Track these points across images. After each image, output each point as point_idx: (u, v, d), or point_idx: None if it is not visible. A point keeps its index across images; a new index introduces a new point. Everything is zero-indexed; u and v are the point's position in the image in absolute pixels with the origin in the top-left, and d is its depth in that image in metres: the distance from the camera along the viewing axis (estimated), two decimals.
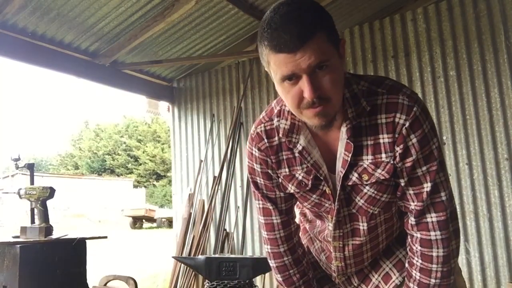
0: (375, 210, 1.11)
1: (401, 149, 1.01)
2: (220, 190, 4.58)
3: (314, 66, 0.88)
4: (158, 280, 6.52)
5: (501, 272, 3.26)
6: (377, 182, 1.05)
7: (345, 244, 1.17)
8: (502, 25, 3.38)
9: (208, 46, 4.49)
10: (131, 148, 32.35)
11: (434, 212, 1.05)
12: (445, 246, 1.05)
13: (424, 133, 1.01)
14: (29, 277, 2.27)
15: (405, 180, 1.05)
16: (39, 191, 2.57)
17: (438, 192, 1.04)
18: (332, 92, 0.92)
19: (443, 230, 1.05)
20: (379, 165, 1.04)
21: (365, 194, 1.08)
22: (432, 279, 1.06)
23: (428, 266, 1.06)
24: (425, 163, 1.03)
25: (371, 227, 1.14)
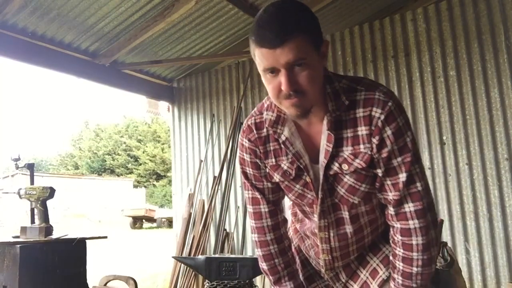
0: (355, 200, 1.16)
1: (377, 140, 1.08)
2: (220, 190, 4.58)
3: (291, 63, 0.98)
4: (158, 280, 6.52)
5: (501, 272, 3.26)
6: (356, 171, 1.12)
7: (331, 235, 1.21)
8: (502, 25, 3.38)
9: (208, 46, 4.49)
10: (131, 148, 32.34)
11: (411, 201, 1.10)
12: (423, 234, 1.10)
13: (398, 126, 1.08)
14: (29, 277, 2.27)
15: (382, 171, 1.11)
16: (39, 191, 2.57)
17: (414, 183, 1.10)
18: (308, 87, 1.01)
19: (421, 218, 1.10)
20: (358, 155, 1.11)
21: (345, 183, 1.14)
22: (414, 268, 1.11)
23: (409, 255, 1.12)
24: (400, 154, 1.09)
25: (353, 217, 1.19)
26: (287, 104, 1.04)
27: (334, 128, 1.10)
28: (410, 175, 1.10)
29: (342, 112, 1.10)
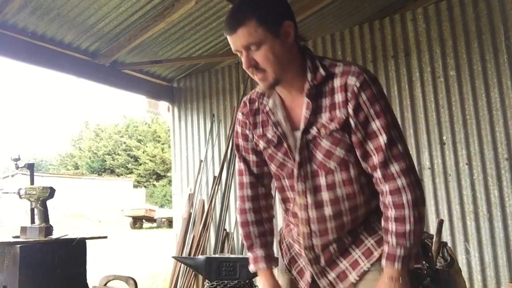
0: (331, 164, 1.22)
1: (353, 105, 1.17)
2: (220, 190, 4.58)
3: (245, 46, 1.16)
4: (158, 280, 6.52)
5: (501, 272, 3.26)
6: (332, 135, 1.20)
7: (309, 202, 1.25)
8: (502, 25, 3.38)
9: (208, 46, 4.49)
10: (131, 148, 32.34)
11: (396, 162, 1.16)
12: (411, 191, 1.15)
13: (373, 92, 1.17)
14: (29, 277, 2.27)
15: (362, 135, 1.18)
16: (39, 191, 2.57)
17: (395, 145, 1.17)
18: (265, 64, 1.18)
19: (407, 176, 1.16)
20: (334, 119, 1.20)
21: (322, 148, 1.22)
22: (407, 225, 1.15)
23: (401, 214, 1.15)
24: (377, 117, 1.17)
25: (330, 185, 1.23)
26: (256, 78, 1.23)
27: (312, 97, 1.21)
28: (390, 138, 1.16)
29: (321, 83, 1.21)
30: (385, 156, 1.16)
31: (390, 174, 1.16)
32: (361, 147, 1.19)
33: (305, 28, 4.26)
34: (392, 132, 1.17)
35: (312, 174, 1.25)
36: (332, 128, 1.19)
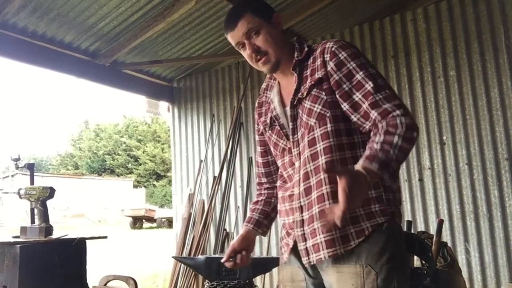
0: (311, 122, 1.30)
1: (334, 62, 1.27)
2: (220, 190, 4.58)
3: (247, 33, 1.33)
4: (158, 280, 6.52)
5: (501, 272, 3.26)
6: (310, 94, 1.30)
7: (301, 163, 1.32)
8: (502, 25, 3.38)
9: (208, 46, 4.48)
10: (131, 148, 32.35)
11: (388, 102, 1.19)
12: (406, 116, 1.16)
13: (352, 52, 1.27)
14: (29, 277, 2.27)
15: (348, 86, 1.25)
16: (39, 191, 2.57)
17: (382, 89, 1.21)
18: (266, 46, 1.34)
19: (401, 108, 1.17)
20: (313, 81, 1.31)
21: (306, 108, 1.31)
22: (395, 137, 1.12)
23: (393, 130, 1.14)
24: (360, 70, 1.24)
25: (311, 140, 1.30)
26: (260, 65, 1.37)
27: (298, 69, 1.35)
28: (377, 84, 1.21)
29: (305, 58, 1.36)
30: (375, 99, 1.20)
31: (383, 109, 1.18)
32: (349, 98, 1.25)
33: (305, 28, 4.26)
34: (378, 80, 1.22)
35: (301, 136, 1.33)
36: (310, 86, 1.30)
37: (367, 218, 1.23)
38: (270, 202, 1.59)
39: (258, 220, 1.58)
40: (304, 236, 1.31)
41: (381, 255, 1.20)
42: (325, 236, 1.24)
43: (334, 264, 1.24)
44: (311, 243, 1.28)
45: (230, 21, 1.36)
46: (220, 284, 1.51)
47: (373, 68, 1.26)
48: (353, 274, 1.20)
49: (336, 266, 1.24)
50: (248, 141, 4.57)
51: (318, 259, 1.25)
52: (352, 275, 1.20)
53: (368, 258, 1.20)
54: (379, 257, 1.20)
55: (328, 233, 1.24)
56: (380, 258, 1.20)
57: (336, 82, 1.26)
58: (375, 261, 1.20)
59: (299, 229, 1.32)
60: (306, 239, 1.30)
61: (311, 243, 1.28)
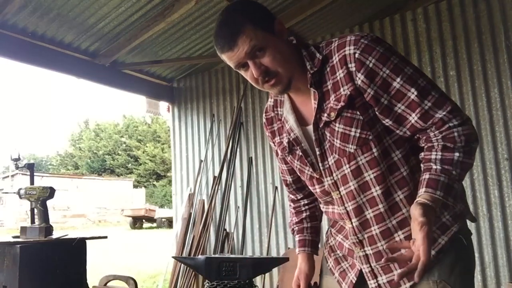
0: (350, 148, 1.11)
1: (363, 73, 1.06)
2: (220, 190, 4.58)
3: (250, 53, 1.07)
4: (158, 280, 6.52)
5: (501, 272, 3.26)
6: (342, 115, 1.10)
7: (342, 193, 1.17)
8: (502, 25, 3.38)
9: (208, 46, 4.48)
10: (131, 148, 32.35)
11: (438, 108, 1.03)
12: (463, 124, 1.02)
13: (379, 53, 1.06)
14: (29, 277, 2.27)
15: (386, 99, 1.06)
16: (39, 191, 2.56)
17: (429, 94, 1.04)
18: (276, 66, 1.09)
19: (457, 115, 1.03)
20: (340, 98, 1.10)
21: (337, 132, 1.12)
22: (456, 153, 1.01)
23: (451, 144, 1.02)
24: (396, 75, 1.05)
25: (354, 170, 1.13)
26: (267, 87, 1.13)
27: (316, 84, 1.13)
28: (420, 89, 1.04)
29: (321, 67, 1.13)
30: (423, 108, 1.03)
31: (438, 119, 1.02)
32: (391, 113, 1.07)
33: (305, 28, 4.26)
34: (419, 81, 1.04)
35: (335, 164, 1.15)
36: (339, 108, 1.09)
37: (441, 232, 1.11)
38: (316, 216, 1.43)
39: (314, 240, 1.42)
40: (373, 273, 1.18)
41: (455, 266, 1.10)
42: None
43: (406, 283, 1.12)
44: (385, 279, 1.16)
45: (226, 39, 1.08)
46: (220, 284, 1.51)
47: (409, 64, 1.07)
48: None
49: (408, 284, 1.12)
50: (248, 141, 4.57)
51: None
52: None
53: (441, 272, 1.09)
54: (452, 269, 1.09)
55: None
56: (453, 269, 1.09)
57: (372, 97, 1.07)
58: (449, 274, 1.09)
59: (366, 265, 1.18)
60: (376, 276, 1.18)
61: (386, 279, 1.16)
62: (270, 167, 4.40)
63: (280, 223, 4.26)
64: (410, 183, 1.10)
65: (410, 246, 0.94)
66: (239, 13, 1.09)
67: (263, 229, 4.37)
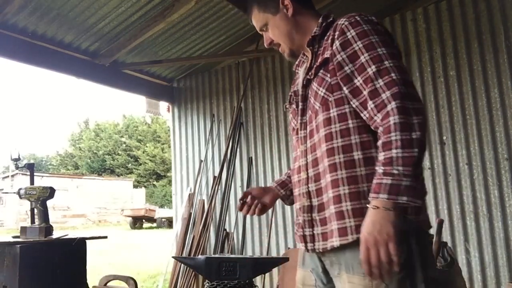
0: (317, 106, 1.23)
1: (340, 41, 1.17)
2: (220, 190, 4.58)
3: (259, 29, 1.40)
4: (158, 280, 6.52)
5: (501, 272, 3.26)
6: (317, 75, 1.23)
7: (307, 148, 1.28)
8: (502, 25, 3.38)
9: (208, 46, 4.49)
10: (131, 148, 32.34)
11: (388, 89, 1.07)
12: (400, 113, 1.03)
13: (363, 29, 1.15)
14: (29, 277, 2.27)
15: (350, 69, 1.14)
16: (39, 191, 2.56)
17: (388, 73, 1.08)
18: (277, 39, 1.37)
19: (398, 100, 1.04)
20: (320, 61, 1.24)
21: (313, 90, 1.25)
22: (393, 150, 1.02)
23: (388, 137, 1.04)
24: (367, 51, 1.12)
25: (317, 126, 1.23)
26: (280, 50, 1.41)
27: (313, 46, 1.30)
28: (380, 67, 1.09)
29: (322, 33, 1.29)
30: (374, 85, 1.08)
31: (381, 101, 1.07)
32: (350, 82, 1.14)
33: None
34: (385, 62, 1.09)
35: (309, 119, 1.27)
36: (315, 67, 1.24)
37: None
38: None
39: (284, 181, 1.54)
40: (311, 222, 1.25)
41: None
42: (338, 223, 1.15)
43: (346, 272, 1.16)
44: (320, 231, 1.23)
45: (247, 13, 1.44)
46: (220, 284, 1.51)
47: (386, 47, 1.12)
48: (363, 286, 1.11)
49: (348, 275, 1.15)
50: (248, 141, 4.57)
51: (325, 247, 1.20)
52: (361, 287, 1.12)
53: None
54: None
55: (341, 221, 1.14)
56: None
57: (339, 63, 1.16)
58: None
59: (306, 214, 1.26)
60: (313, 225, 1.24)
61: (320, 231, 1.22)
62: (270, 167, 4.40)
63: (280, 223, 4.26)
64: (354, 153, 1.16)
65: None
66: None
67: (263, 229, 4.37)
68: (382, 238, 1.00)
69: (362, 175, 1.14)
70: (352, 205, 1.13)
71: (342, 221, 1.14)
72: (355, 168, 1.15)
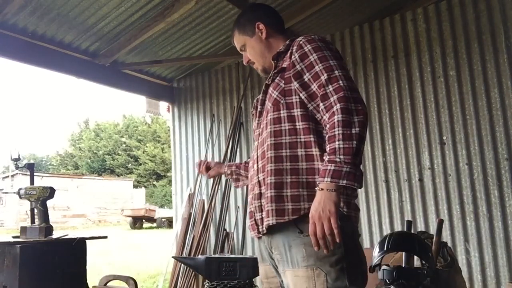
0: (270, 106, 1.44)
1: (299, 53, 1.38)
2: (220, 190, 4.58)
3: (239, 48, 1.64)
4: (158, 280, 6.52)
5: (501, 272, 3.26)
6: (274, 80, 1.44)
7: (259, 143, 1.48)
8: (502, 25, 3.38)
9: (208, 46, 4.49)
10: (131, 148, 32.34)
11: (335, 93, 1.27)
12: (343, 113, 1.23)
13: (317, 45, 1.37)
14: (29, 277, 2.27)
15: (307, 77, 1.35)
16: (39, 191, 2.56)
17: (336, 81, 1.28)
18: (253, 58, 1.60)
19: (342, 102, 1.24)
20: (277, 69, 1.45)
21: (269, 94, 1.46)
22: (336, 142, 1.22)
23: (333, 132, 1.24)
24: (320, 62, 1.33)
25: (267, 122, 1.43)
26: (254, 67, 1.62)
27: (276, 59, 1.49)
28: (331, 76, 1.29)
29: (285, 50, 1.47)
30: (325, 90, 1.29)
31: (329, 103, 1.28)
32: (307, 88, 1.35)
33: (305, 28, 4.26)
34: (335, 72, 1.29)
35: (264, 119, 1.47)
36: (274, 73, 1.45)
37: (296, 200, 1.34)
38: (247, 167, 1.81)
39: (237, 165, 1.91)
40: (260, 208, 1.41)
41: (330, 257, 1.27)
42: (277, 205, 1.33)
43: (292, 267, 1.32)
44: (263, 215, 1.38)
45: (231, 36, 1.66)
46: (220, 284, 1.51)
47: (336, 60, 1.34)
48: (306, 277, 1.28)
49: (294, 269, 1.31)
50: (248, 141, 4.57)
51: (267, 224, 1.35)
52: (305, 279, 1.28)
53: (317, 261, 1.28)
54: (327, 260, 1.27)
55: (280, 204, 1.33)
56: (328, 261, 1.27)
57: (298, 72, 1.37)
58: (324, 263, 1.27)
59: (257, 201, 1.43)
60: (262, 210, 1.40)
61: (264, 215, 1.38)
62: None
63: None
64: (299, 150, 1.36)
65: None
66: (237, 19, 1.63)
67: None
68: (325, 214, 1.19)
69: (303, 168, 1.34)
70: (291, 192, 1.33)
71: (281, 204, 1.33)
72: (297, 162, 1.35)
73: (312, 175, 1.32)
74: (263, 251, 1.50)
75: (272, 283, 1.52)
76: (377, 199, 3.78)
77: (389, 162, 3.76)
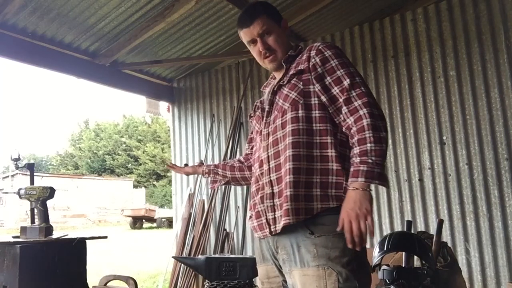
0: (286, 106, 1.44)
1: (319, 57, 1.41)
2: (220, 190, 4.58)
3: (261, 33, 1.51)
4: (158, 280, 6.52)
5: (501, 272, 3.26)
6: (290, 81, 1.45)
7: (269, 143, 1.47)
8: (502, 25, 3.38)
9: (208, 46, 4.49)
10: (131, 148, 32.33)
11: (359, 99, 1.34)
12: (371, 117, 1.30)
13: (336, 52, 1.42)
14: (29, 277, 2.27)
15: (328, 81, 1.39)
16: (39, 191, 2.56)
17: (358, 87, 1.35)
18: (275, 46, 1.52)
19: (368, 107, 1.32)
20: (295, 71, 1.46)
21: (283, 93, 1.47)
22: (368, 144, 1.27)
23: (363, 136, 1.29)
24: (341, 67, 1.38)
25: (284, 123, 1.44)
26: (267, 61, 1.55)
27: (287, 63, 1.51)
28: (353, 82, 1.36)
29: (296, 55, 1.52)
30: (349, 95, 1.35)
31: (353, 107, 1.33)
32: (328, 91, 1.39)
33: (305, 28, 4.26)
34: (356, 78, 1.37)
35: (274, 119, 1.48)
36: (291, 75, 1.45)
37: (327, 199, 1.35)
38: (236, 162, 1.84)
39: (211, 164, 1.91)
40: (273, 207, 1.42)
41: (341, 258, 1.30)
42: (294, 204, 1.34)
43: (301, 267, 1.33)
44: (279, 214, 1.39)
45: (246, 19, 1.53)
46: (220, 284, 1.51)
47: (353, 67, 1.41)
48: (316, 276, 1.30)
49: (303, 269, 1.32)
50: None
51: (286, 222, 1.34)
52: (315, 278, 1.30)
53: (328, 261, 1.30)
54: (339, 260, 1.30)
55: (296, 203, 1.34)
56: (340, 261, 1.30)
57: (319, 75, 1.40)
58: (335, 263, 1.30)
59: (269, 200, 1.43)
60: (275, 210, 1.41)
61: (280, 214, 1.38)
62: None
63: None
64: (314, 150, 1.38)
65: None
66: (259, 5, 1.57)
67: None
68: (362, 212, 1.24)
69: (317, 169, 1.37)
70: (305, 192, 1.35)
71: (297, 203, 1.35)
72: (313, 163, 1.37)
73: (325, 176, 1.36)
74: (264, 251, 1.50)
75: (273, 283, 1.52)
76: (377, 199, 3.78)
77: (389, 162, 3.76)
